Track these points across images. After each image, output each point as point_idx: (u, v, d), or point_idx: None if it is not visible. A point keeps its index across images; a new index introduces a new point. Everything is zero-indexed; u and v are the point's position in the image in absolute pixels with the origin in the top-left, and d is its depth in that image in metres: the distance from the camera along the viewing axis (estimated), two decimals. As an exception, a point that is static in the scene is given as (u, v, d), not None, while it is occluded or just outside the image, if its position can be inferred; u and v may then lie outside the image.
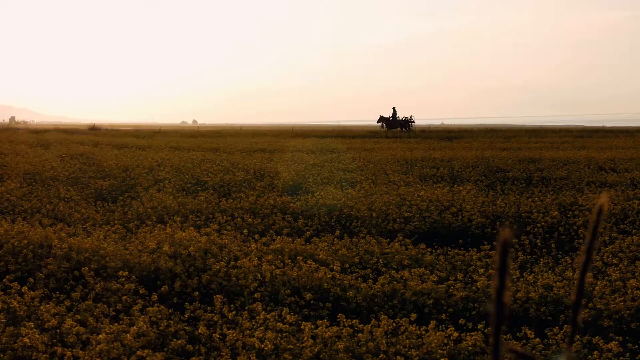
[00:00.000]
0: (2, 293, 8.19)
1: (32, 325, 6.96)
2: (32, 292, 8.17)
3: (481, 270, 9.63)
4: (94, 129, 76.65)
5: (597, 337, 7.36)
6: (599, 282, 9.03)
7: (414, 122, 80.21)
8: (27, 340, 6.61)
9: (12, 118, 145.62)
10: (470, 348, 6.98)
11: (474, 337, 7.10)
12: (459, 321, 7.96)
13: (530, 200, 15.95)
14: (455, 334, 7.23)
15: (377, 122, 75.24)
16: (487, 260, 10.59)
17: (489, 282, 9.16)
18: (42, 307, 7.68)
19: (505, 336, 7.47)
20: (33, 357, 6.54)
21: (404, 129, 72.24)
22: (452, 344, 7.08)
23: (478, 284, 9.04)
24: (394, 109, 73.70)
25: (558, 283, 8.98)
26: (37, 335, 6.75)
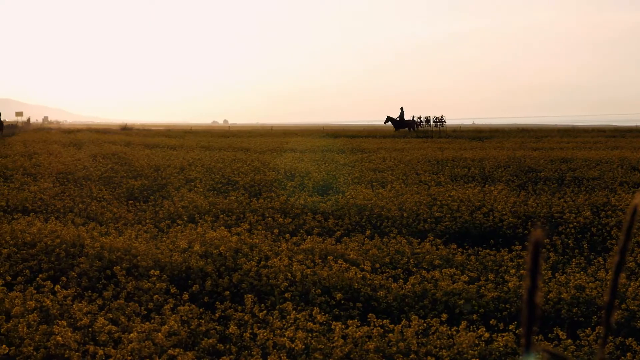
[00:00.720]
0: (35, 292, 8.26)
1: (65, 324, 7.01)
2: (64, 291, 8.24)
3: (512, 271, 9.58)
4: (125, 129, 77.18)
5: (630, 339, 7.29)
6: (632, 283, 8.94)
7: (445, 121, 79.81)
8: (60, 338, 6.66)
9: (45, 118, 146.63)
10: (501, 349, 6.95)
11: (505, 337, 7.06)
12: (490, 322, 7.93)
13: (562, 200, 15.83)
14: (487, 335, 7.19)
15: (385, 122, 74.43)
16: (519, 260, 10.54)
17: (521, 282, 9.11)
18: (74, 305, 7.73)
19: (536, 337, 7.43)
20: (66, 356, 6.59)
21: (411, 129, 71.42)
22: (483, 345, 7.05)
23: (509, 284, 8.99)
24: (401, 109, 72.96)
25: (590, 284, 8.90)
26: (69, 334, 6.80)
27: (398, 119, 72.76)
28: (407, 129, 71.68)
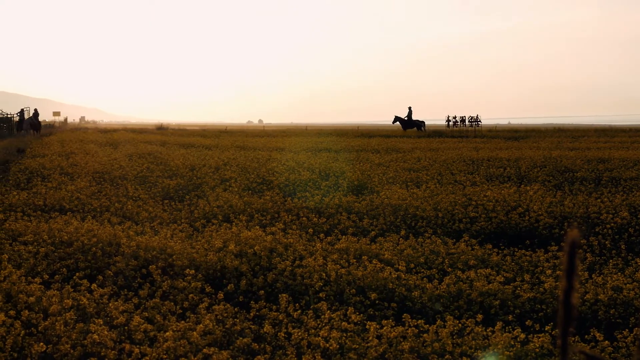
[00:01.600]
0: (72, 290, 8.33)
1: (101, 322, 7.07)
2: (101, 290, 8.30)
3: (549, 272, 9.51)
4: (161, 129, 77.62)
5: (668, 341, 7.22)
6: (670, 285, 8.86)
7: (480, 121, 79.39)
8: (97, 336, 6.71)
9: (82, 118, 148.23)
10: (537, 350, 6.90)
11: (541, 338, 7.01)
12: (526, 323, 7.89)
13: (599, 200, 15.67)
14: (522, 336, 7.15)
15: (393, 122, 73.90)
16: (555, 261, 10.46)
17: (557, 283, 9.05)
18: (110, 304, 7.79)
19: (573, 338, 7.37)
20: (102, 354, 6.64)
21: (420, 129, 70.56)
22: (519, 346, 7.01)
23: (545, 285, 8.93)
24: (409, 108, 72.37)
25: (628, 285, 8.82)
26: (106, 332, 6.85)
27: (406, 118, 72.14)
28: (415, 128, 70.99)
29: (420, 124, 71.30)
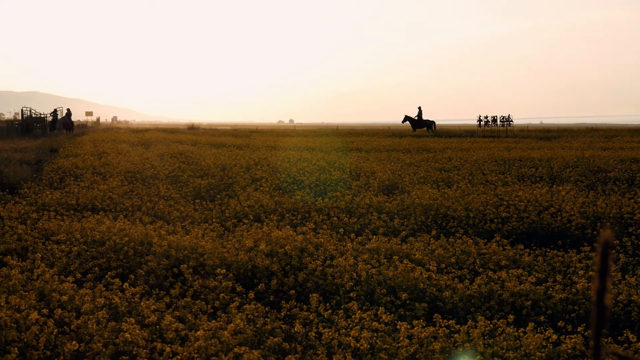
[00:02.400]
0: (104, 289, 8.39)
1: (133, 321, 7.10)
2: (132, 289, 8.35)
3: (581, 272, 9.44)
4: (192, 129, 77.87)
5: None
6: None
7: (512, 121, 78.92)
8: (129, 335, 6.75)
9: (114, 117, 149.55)
10: (569, 351, 6.85)
11: (573, 340, 6.96)
12: (558, 323, 7.84)
13: (632, 200, 15.52)
14: (554, 337, 7.10)
15: (403, 122, 73.44)
16: (588, 262, 10.38)
17: (589, 284, 8.98)
18: (142, 303, 7.83)
19: (606, 339, 7.31)
20: (134, 352, 6.68)
21: (429, 129, 69.82)
22: (551, 347, 6.96)
23: (578, 285, 8.86)
24: (419, 108, 71.83)
25: (662, 286, 8.74)
26: (137, 331, 6.89)
27: (416, 118, 71.64)
28: (425, 128, 70.41)
29: (430, 124, 70.81)
